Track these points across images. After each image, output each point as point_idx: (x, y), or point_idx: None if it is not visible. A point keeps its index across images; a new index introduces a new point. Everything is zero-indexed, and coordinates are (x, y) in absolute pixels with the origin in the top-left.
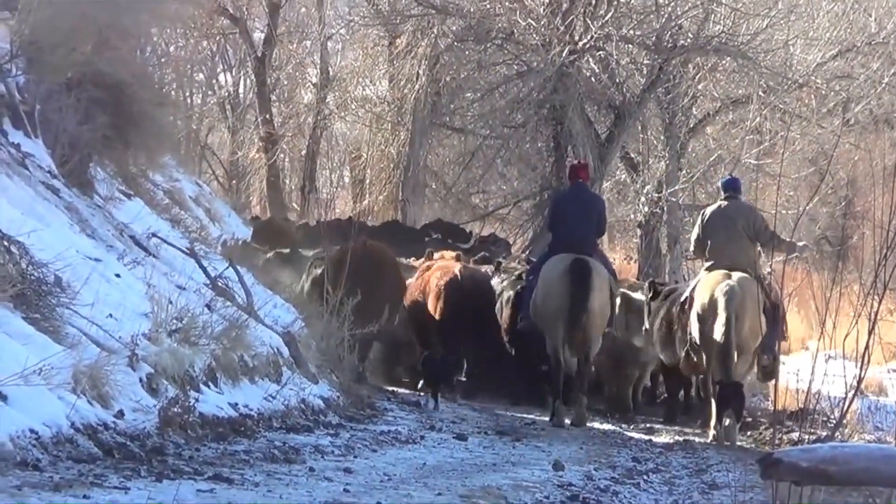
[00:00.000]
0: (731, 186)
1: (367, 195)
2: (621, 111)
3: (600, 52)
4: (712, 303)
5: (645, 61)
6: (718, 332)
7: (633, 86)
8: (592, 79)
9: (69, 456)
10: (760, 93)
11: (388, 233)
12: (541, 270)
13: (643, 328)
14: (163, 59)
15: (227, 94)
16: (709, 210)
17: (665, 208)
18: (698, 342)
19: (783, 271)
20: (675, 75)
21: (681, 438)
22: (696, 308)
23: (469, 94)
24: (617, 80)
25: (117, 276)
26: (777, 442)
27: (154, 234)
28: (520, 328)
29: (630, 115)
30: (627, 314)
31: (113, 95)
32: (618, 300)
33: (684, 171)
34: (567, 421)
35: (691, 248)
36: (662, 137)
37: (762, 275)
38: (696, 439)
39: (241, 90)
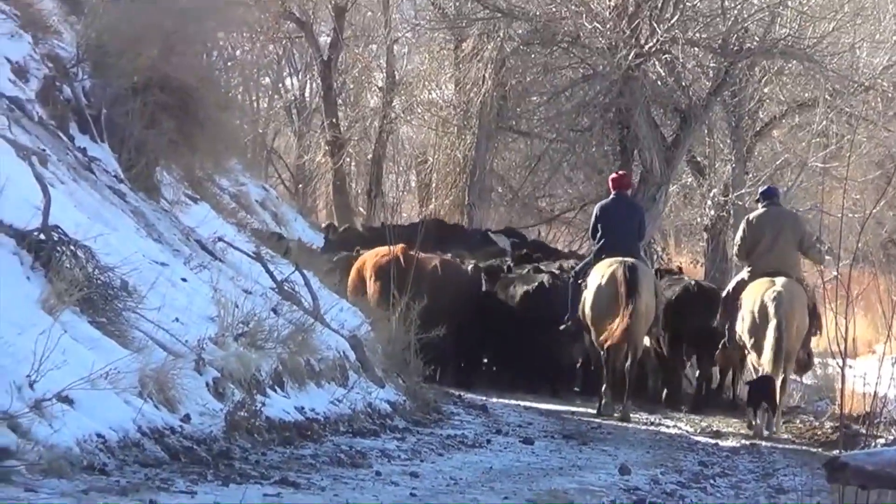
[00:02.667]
0: (773, 194)
1: (434, 199)
2: (687, 114)
3: (666, 56)
4: (762, 310)
5: (711, 64)
6: (770, 339)
7: (699, 89)
8: (658, 82)
9: (136, 460)
10: (827, 96)
11: (453, 236)
12: (589, 273)
13: None
14: (229, 64)
15: (293, 98)
16: (754, 214)
17: (731, 212)
18: (745, 342)
19: (849, 274)
20: (741, 78)
21: (747, 442)
22: (745, 311)
23: (535, 98)
24: (683, 84)
25: (183, 280)
26: (843, 446)
27: (220, 238)
28: (565, 329)
29: (696, 118)
30: None
31: (179, 100)
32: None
33: (751, 175)
34: (616, 415)
35: (735, 251)
36: (728, 141)
37: (801, 276)
38: (763, 443)
39: (307, 94)
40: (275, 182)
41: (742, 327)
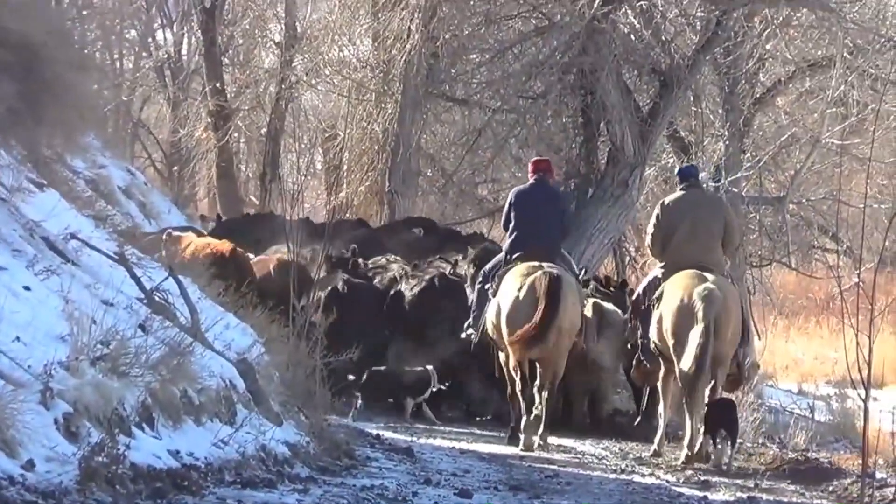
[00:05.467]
0: (691, 174)
1: (345, 185)
2: (668, 77)
3: (641, 2)
4: (689, 308)
5: (698, 13)
6: (694, 343)
7: (684, 45)
8: (631, 36)
9: None
10: (846, 54)
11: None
12: (500, 281)
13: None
14: (84, 12)
15: (166, 56)
16: (670, 198)
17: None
18: (661, 349)
19: (874, 281)
20: (736, 32)
21: (744, 496)
22: (665, 311)
23: (475, 56)
24: (663, 38)
25: (26, 288)
26: (867, 499)
27: (73, 235)
28: (465, 338)
29: (679, 82)
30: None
31: (20, 58)
32: (587, 311)
33: (749, 154)
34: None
35: (647, 243)
36: (720, 111)
37: (726, 274)
38: (763, 496)
39: (184, 52)
40: (143, 164)
41: (660, 328)
